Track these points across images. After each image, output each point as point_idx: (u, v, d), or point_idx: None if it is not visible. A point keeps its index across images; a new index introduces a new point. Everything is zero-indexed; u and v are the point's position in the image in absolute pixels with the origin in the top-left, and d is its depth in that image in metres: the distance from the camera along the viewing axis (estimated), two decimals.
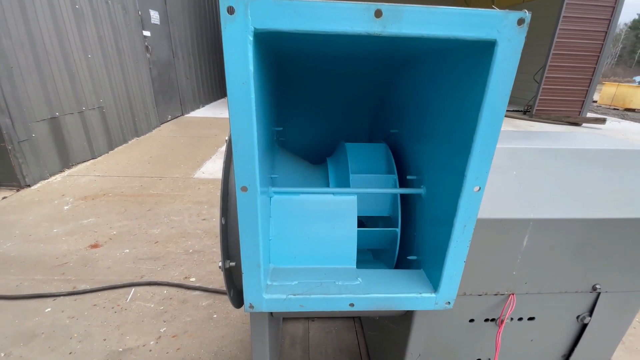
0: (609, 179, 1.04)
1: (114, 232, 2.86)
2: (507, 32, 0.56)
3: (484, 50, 0.60)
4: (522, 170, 1.03)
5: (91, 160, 4.67)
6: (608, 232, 0.99)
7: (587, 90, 9.12)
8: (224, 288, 2.18)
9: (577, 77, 8.94)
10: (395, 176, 1.00)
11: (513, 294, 1.07)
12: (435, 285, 0.81)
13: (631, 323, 1.20)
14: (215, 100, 10.82)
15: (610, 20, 8.28)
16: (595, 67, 8.77)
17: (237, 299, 1.03)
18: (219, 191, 3.58)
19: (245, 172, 0.65)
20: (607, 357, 1.30)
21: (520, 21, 0.55)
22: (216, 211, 3.30)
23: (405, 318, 1.03)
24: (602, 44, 8.52)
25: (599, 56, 8.65)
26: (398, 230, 0.97)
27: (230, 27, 0.54)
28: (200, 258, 2.56)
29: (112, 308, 2.04)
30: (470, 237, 0.74)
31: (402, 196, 1.00)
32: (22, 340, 1.81)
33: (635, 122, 10.80)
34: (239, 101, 0.59)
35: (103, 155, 4.91)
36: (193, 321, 1.97)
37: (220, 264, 0.90)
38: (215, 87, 10.70)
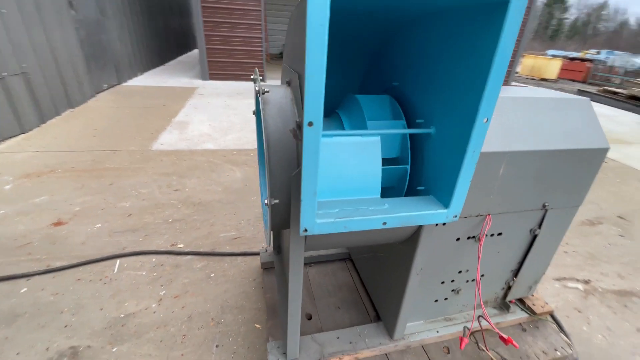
0: (555, 120, 1.34)
1: (77, 209, 2.67)
2: None
3: (499, 7, 0.76)
4: (497, 114, 1.26)
5: (21, 135, 4.09)
6: (555, 160, 1.29)
7: (512, 61, 10.22)
8: (216, 250, 2.25)
9: None
10: (404, 121, 1.17)
11: (489, 215, 1.35)
12: (446, 204, 1.02)
13: (564, 234, 1.59)
14: (154, 67, 9.84)
15: None
16: (519, 40, 9.80)
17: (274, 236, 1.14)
18: (187, 162, 3.46)
19: (313, 109, 0.75)
20: (545, 268, 1.70)
21: None
22: (187, 182, 3.22)
23: (412, 239, 1.25)
24: (526, 19, 9.50)
25: (523, 30, 9.67)
26: (408, 167, 1.16)
27: None
28: (183, 226, 2.55)
29: (100, 280, 1.99)
30: (477, 161, 0.95)
31: (409, 138, 1.18)
32: (3, 322, 1.70)
33: (549, 89, 12.52)
34: (316, 42, 0.67)
35: (35, 130, 4.32)
36: (191, 282, 2.02)
37: (266, 200, 1.00)
38: (153, 53, 9.69)
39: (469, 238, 1.39)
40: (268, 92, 1.03)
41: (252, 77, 1.26)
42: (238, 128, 4.95)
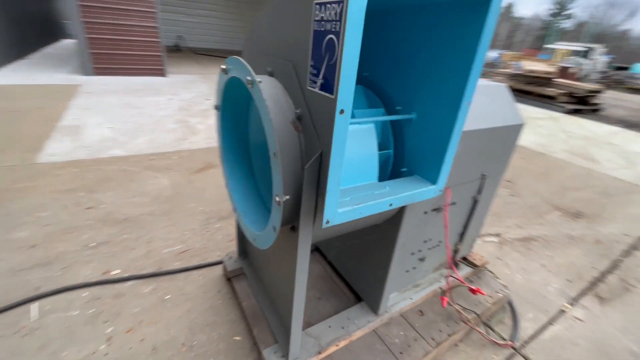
0: (485, 102, 1.61)
1: None
2: None
3: (482, 3, 0.88)
4: None
5: None
6: (490, 136, 1.56)
7: None
8: (164, 269, 1.98)
9: None
10: (383, 109, 1.24)
11: (449, 188, 1.55)
12: (433, 180, 1.14)
13: (493, 197, 1.94)
14: (10, 62, 7.78)
15: None
16: None
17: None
18: (94, 173, 2.90)
19: (346, 96, 0.74)
20: (481, 228, 2.05)
21: None
22: (102, 197, 2.71)
23: (396, 217, 1.34)
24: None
25: None
26: (391, 151, 1.24)
27: None
28: (112, 249, 2.15)
29: (16, 333, 1.54)
30: (459, 139, 1.08)
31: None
32: None
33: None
34: (354, 29, 0.66)
35: None
36: (143, 310, 1.74)
37: (277, 198, 0.93)
38: (9, 44, 7.65)
39: (433, 210, 1.57)
40: (261, 82, 0.96)
41: (222, 67, 1.15)
42: (149, 129, 4.36)
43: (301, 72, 0.94)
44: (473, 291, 1.56)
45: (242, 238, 1.85)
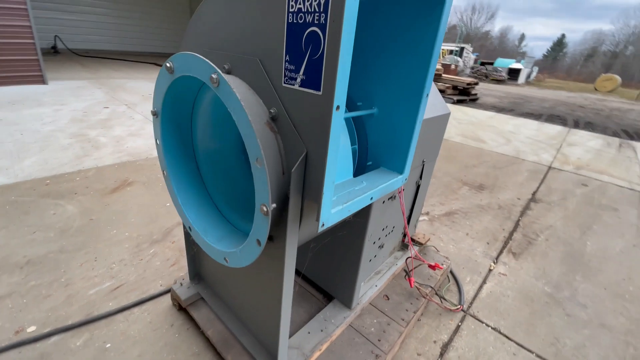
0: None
1: None
2: None
3: (438, 2, 0.94)
4: None
5: None
6: (429, 125, 1.73)
7: None
8: (96, 314, 1.64)
9: None
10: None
11: None
12: (400, 170, 1.19)
13: (430, 181, 2.15)
14: None
15: None
16: None
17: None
18: None
19: (341, 92, 0.70)
20: (421, 209, 2.25)
21: None
22: None
23: (365, 210, 1.37)
24: None
25: None
26: (356, 147, 1.25)
27: None
28: (19, 301, 1.69)
29: None
30: (420, 129, 1.15)
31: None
32: None
33: None
34: (350, 19, 0.63)
35: None
36: None
37: (264, 208, 0.84)
38: None
39: (389, 199, 1.66)
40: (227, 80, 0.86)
41: (167, 64, 1.00)
42: (36, 148, 3.54)
43: (271, 68, 0.87)
44: (432, 267, 1.71)
45: (194, 260, 1.65)
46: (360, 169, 1.30)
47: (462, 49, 24.11)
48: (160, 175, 3.24)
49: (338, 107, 0.73)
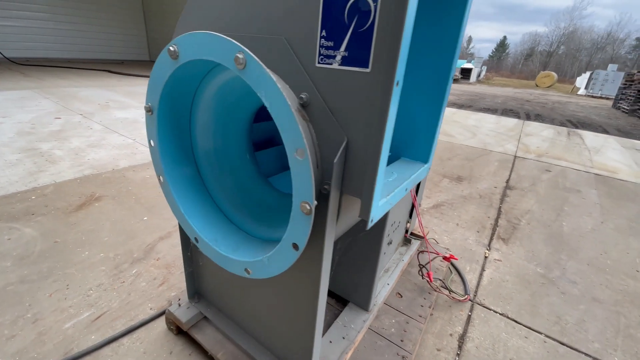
0: None
1: None
2: None
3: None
4: None
5: None
6: None
7: None
8: (78, 351, 1.41)
9: None
10: None
11: None
12: (424, 160, 1.14)
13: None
14: None
15: None
16: None
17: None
18: None
19: (400, 66, 0.62)
20: (420, 203, 2.24)
21: None
22: None
23: None
24: None
25: None
26: None
27: None
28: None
29: None
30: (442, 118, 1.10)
31: None
32: None
33: None
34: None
35: None
36: None
37: (307, 206, 0.73)
38: None
39: None
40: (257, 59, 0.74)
41: (170, 48, 0.86)
42: None
43: (301, 47, 0.77)
44: (447, 258, 1.68)
45: (193, 276, 1.48)
46: None
47: None
48: (132, 188, 2.95)
49: (398, 83, 0.64)
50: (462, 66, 26.97)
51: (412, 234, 2.25)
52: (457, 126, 7.42)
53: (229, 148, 1.16)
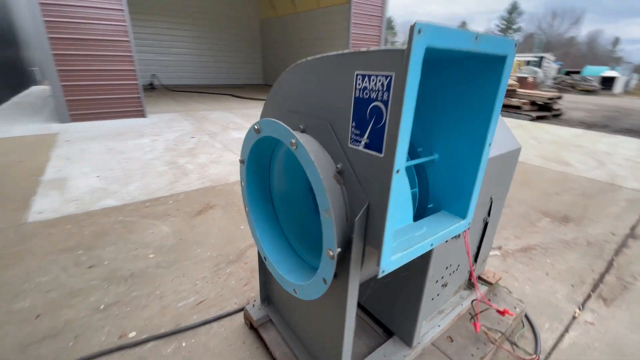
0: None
1: None
2: (511, 50, 0.97)
3: (500, 60, 0.99)
4: None
5: None
6: (497, 163, 1.69)
7: None
8: (183, 325, 1.91)
9: None
10: None
11: None
12: (462, 215, 1.21)
13: (500, 217, 2.05)
14: None
15: (380, 26, 11.28)
16: None
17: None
18: (89, 227, 2.80)
19: (401, 159, 0.81)
20: (491, 246, 2.14)
21: (516, 44, 0.98)
22: (102, 253, 2.61)
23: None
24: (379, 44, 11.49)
25: None
26: (417, 190, 1.31)
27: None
28: (123, 310, 2.06)
29: None
30: (483, 176, 1.17)
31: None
32: None
33: None
34: (408, 107, 0.74)
35: None
36: None
37: (331, 252, 0.97)
38: None
39: (453, 238, 1.65)
40: (304, 143, 1.01)
41: (255, 127, 1.20)
42: (138, 174, 4.27)
43: (339, 130, 1.01)
44: (501, 313, 1.62)
45: (265, 284, 1.84)
46: (420, 211, 1.34)
47: (541, 58, 22.01)
48: (236, 200, 3.63)
49: (398, 171, 0.82)
50: (602, 74, 22.16)
51: (480, 278, 2.17)
52: (579, 152, 6.30)
53: (295, 195, 1.46)
